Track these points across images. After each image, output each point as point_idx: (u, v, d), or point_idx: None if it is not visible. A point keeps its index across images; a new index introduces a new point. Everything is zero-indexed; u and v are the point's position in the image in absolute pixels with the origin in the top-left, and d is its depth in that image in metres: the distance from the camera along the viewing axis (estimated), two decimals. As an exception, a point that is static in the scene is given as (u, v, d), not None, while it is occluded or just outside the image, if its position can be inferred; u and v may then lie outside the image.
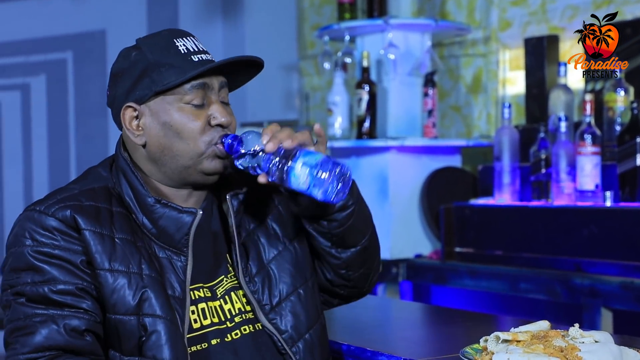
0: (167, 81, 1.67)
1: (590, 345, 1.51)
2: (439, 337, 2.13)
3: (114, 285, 1.64)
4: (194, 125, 1.68)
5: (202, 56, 1.71)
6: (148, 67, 1.69)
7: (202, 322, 1.70)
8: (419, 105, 3.92)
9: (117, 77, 1.73)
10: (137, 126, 1.71)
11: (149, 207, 1.69)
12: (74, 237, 1.64)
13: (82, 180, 1.76)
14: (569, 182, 3.17)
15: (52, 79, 4.83)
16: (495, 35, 4.11)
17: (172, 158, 1.70)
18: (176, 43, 1.70)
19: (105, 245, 1.65)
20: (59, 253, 1.63)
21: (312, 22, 5.12)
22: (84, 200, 1.67)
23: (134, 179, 1.71)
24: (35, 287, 1.61)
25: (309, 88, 5.18)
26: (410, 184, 3.82)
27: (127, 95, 1.71)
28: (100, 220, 1.66)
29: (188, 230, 1.69)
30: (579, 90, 3.56)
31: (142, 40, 1.74)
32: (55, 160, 4.85)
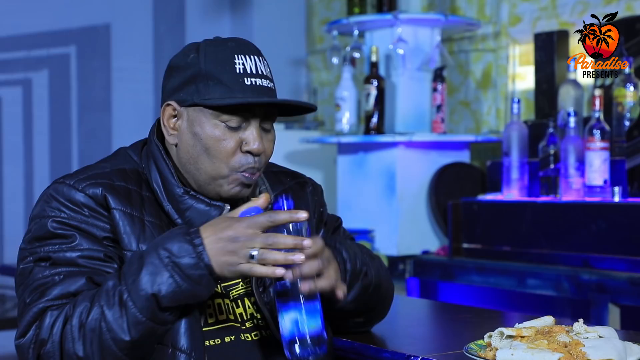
0: (210, 97, 1.64)
1: (594, 340, 1.50)
2: (444, 334, 2.12)
3: None
4: (222, 146, 1.66)
5: (257, 80, 1.66)
6: (198, 75, 1.66)
7: (217, 316, 1.70)
8: (427, 101, 3.90)
9: (171, 70, 1.72)
10: (174, 125, 1.70)
11: (177, 198, 1.69)
12: (103, 214, 1.64)
13: (112, 159, 1.76)
14: (578, 177, 3.15)
15: (54, 74, 4.83)
16: (505, 31, 4.09)
17: (196, 170, 1.69)
18: (235, 59, 1.65)
19: (135, 227, 1.65)
20: (86, 227, 1.63)
21: (322, 17, 5.11)
22: (115, 180, 1.68)
23: (164, 167, 1.71)
24: (62, 252, 1.61)
25: (317, 83, 5.17)
26: (418, 180, 3.80)
27: (173, 92, 1.70)
28: (132, 202, 1.66)
29: None
30: (589, 86, 3.54)
31: (206, 43, 1.69)
32: (56, 156, 4.84)
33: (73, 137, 4.85)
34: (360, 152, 3.90)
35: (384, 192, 3.79)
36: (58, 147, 4.84)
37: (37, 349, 1.56)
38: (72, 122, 4.86)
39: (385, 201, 3.77)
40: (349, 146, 3.94)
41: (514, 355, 1.46)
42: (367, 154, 3.88)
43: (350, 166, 3.96)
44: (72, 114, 4.86)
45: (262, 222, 1.53)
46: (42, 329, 1.55)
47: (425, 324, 2.25)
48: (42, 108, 4.83)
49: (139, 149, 1.78)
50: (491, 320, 2.15)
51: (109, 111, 4.86)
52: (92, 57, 4.86)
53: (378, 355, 1.80)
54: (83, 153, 4.79)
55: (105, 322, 1.53)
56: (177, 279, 1.52)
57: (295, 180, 1.92)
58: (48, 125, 4.84)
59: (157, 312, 1.54)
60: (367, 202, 3.86)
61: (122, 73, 4.86)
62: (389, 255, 3.69)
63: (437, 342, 2.03)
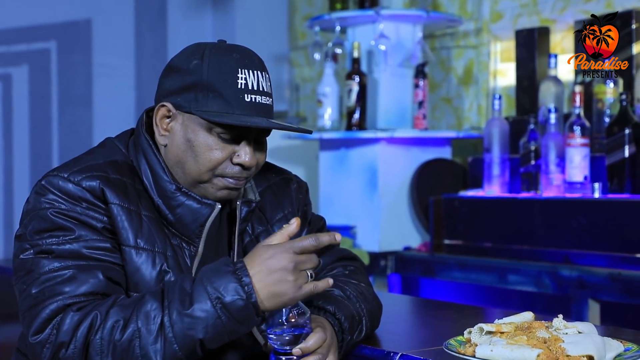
0: (207, 109, 1.63)
1: (574, 336, 1.50)
2: (424, 330, 2.12)
3: (139, 263, 1.63)
4: (213, 155, 1.65)
5: (256, 97, 1.65)
6: (199, 84, 1.64)
7: None
8: (409, 97, 3.91)
9: (171, 70, 1.69)
10: (167, 126, 1.69)
11: (169, 194, 1.68)
12: (101, 207, 1.63)
13: (100, 150, 1.74)
14: (558, 173, 3.16)
15: (35, 69, 4.78)
16: (487, 27, 4.09)
17: (182, 172, 1.69)
18: (239, 74, 1.64)
19: (133, 221, 1.64)
20: (85, 219, 1.61)
21: (304, 13, 5.10)
22: (110, 173, 1.66)
23: (155, 162, 1.69)
24: (66, 243, 1.59)
25: (299, 79, 5.17)
26: (399, 176, 3.81)
27: (169, 94, 1.68)
28: (128, 195, 1.65)
29: (204, 221, 1.69)
30: (569, 82, 3.55)
31: (212, 51, 1.66)
32: (36, 151, 4.80)
33: (53, 133, 4.81)
34: (342, 148, 3.90)
35: (365, 188, 3.79)
36: (38, 143, 4.80)
37: (54, 350, 1.53)
38: (52, 117, 4.82)
39: (367, 197, 3.77)
40: (330, 142, 3.94)
41: (493, 351, 1.46)
42: (348, 150, 3.88)
43: (332, 162, 3.95)
44: (53, 109, 4.82)
45: (308, 246, 1.55)
46: (61, 331, 1.52)
47: (406, 320, 2.25)
48: (22, 103, 4.78)
49: (125, 140, 1.76)
50: (472, 316, 2.16)
51: (89, 106, 4.82)
52: (73, 52, 4.82)
53: (358, 351, 1.81)
54: (63, 148, 4.75)
55: (140, 346, 1.51)
56: (224, 320, 1.52)
57: (280, 177, 1.92)
58: (28, 120, 4.80)
59: (197, 352, 1.54)
60: (348, 198, 3.86)
61: (103, 68, 4.83)
62: (370, 251, 3.70)
63: (417, 339, 2.03)
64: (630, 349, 1.53)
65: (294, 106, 5.13)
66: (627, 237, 2.88)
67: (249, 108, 1.64)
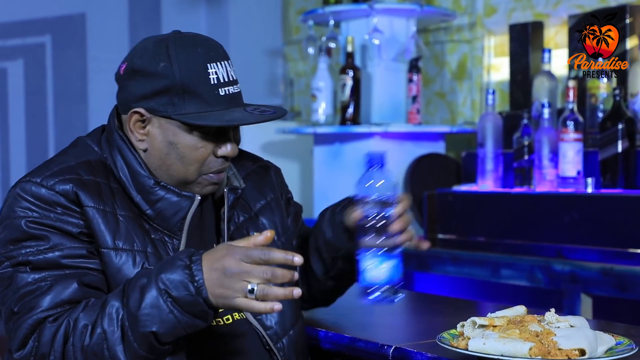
0: (187, 111, 1.62)
1: (566, 330, 1.51)
2: (418, 323, 2.13)
3: (119, 264, 1.62)
4: (199, 154, 1.66)
5: (229, 89, 1.65)
6: (172, 87, 1.62)
7: None
8: (403, 91, 3.91)
9: (136, 74, 1.65)
10: (142, 129, 1.67)
11: (148, 189, 1.67)
12: (76, 211, 1.61)
13: (72, 150, 1.72)
14: (551, 168, 3.17)
15: (30, 63, 4.77)
16: (481, 22, 4.10)
17: (168, 175, 1.68)
18: (209, 69, 1.63)
19: (109, 223, 1.62)
20: (60, 225, 1.60)
21: (298, 7, 5.10)
22: (83, 174, 1.65)
23: (132, 158, 1.68)
24: (42, 254, 1.58)
25: (293, 73, 5.16)
26: (393, 171, 3.80)
27: (140, 99, 1.65)
28: (102, 197, 1.64)
29: (185, 214, 1.68)
30: (563, 77, 3.56)
31: (176, 48, 1.64)
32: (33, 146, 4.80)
33: (49, 127, 4.81)
34: (337, 143, 3.90)
35: (359, 183, 3.79)
36: (34, 137, 4.79)
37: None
38: (48, 112, 4.82)
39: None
40: (325, 137, 3.94)
41: (486, 345, 1.47)
42: (343, 145, 3.88)
43: (326, 157, 3.96)
44: (48, 104, 4.82)
45: (256, 257, 1.50)
46: (41, 343, 1.53)
47: (400, 313, 2.25)
48: (18, 98, 4.78)
49: (98, 138, 1.74)
50: (465, 310, 2.17)
51: (85, 101, 4.82)
52: (68, 46, 4.81)
53: (352, 344, 1.81)
54: (59, 143, 4.75)
55: (107, 348, 1.52)
56: (176, 315, 1.51)
57: (256, 164, 1.92)
58: (24, 115, 4.79)
59: (155, 346, 1.54)
60: (343, 192, 3.81)
61: (98, 63, 4.82)
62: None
63: (411, 332, 2.04)
64: (621, 342, 1.54)
65: (288, 101, 5.12)
66: (619, 232, 2.89)
67: (225, 102, 1.64)
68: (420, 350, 1.66)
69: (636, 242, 2.83)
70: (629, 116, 3.03)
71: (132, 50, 1.70)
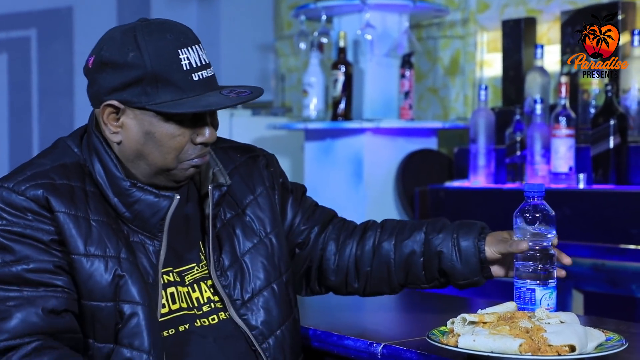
0: (161, 100, 1.58)
1: (556, 326, 1.50)
2: (408, 321, 2.12)
3: (90, 270, 1.59)
4: (177, 142, 1.62)
5: (202, 73, 1.61)
6: (144, 77, 1.58)
7: (170, 306, 1.67)
8: (395, 87, 3.90)
9: (105, 66, 1.61)
10: (116, 121, 1.63)
11: (124, 191, 1.63)
12: (47, 216, 1.58)
13: (51, 153, 1.69)
14: (543, 164, 3.17)
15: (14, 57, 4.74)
16: (474, 17, 4.09)
17: (146, 164, 1.65)
18: (180, 55, 1.59)
19: (81, 228, 1.59)
20: (30, 232, 1.57)
21: (290, 2, 5.08)
22: (56, 179, 1.61)
23: (108, 160, 1.64)
24: (7, 267, 1.55)
25: (285, 69, 5.15)
26: (385, 166, 3.80)
27: (112, 91, 1.61)
28: (75, 201, 1.60)
29: (164, 215, 1.65)
30: (555, 73, 3.55)
31: (144, 37, 1.59)
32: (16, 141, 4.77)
33: (34, 122, 4.78)
34: (328, 139, 3.89)
35: (351, 179, 3.78)
36: (18, 132, 4.77)
37: None
38: (32, 106, 4.78)
39: (353, 187, 3.77)
40: (316, 132, 3.93)
41: (476, 342, 1.46)
42: (334, 141, 3.87)
43: (317, 152, 3.94)
44: (33, 99, 4.79)
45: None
46: None
47: (390, 310, 2.24)
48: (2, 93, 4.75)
49: (78, 139, 1.70)
50: (455, 306, 2.16)
51: (71, 96, 4.78)
52: (54, 40, 4.78)
53: (341, 342, 1.80)
54: (44, 138, 4.72)
55: None
56: None
57: (246, 156, 1.87)
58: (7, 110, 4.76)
59: None
60: (334, 188, 3.86)
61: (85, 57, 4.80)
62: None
63: (401, 329, 2.03)
64: (611, 338, 1.54)
65: (279, 96, 5.11)
66: (611, 227, 2.89)
67: (199, 86, 1.60)
68: (409, 347, 1.65)
69: (628, 238, 2.83)
70: (621, 112, 3.02)
71: (99, 41, 1.65)
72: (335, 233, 1.92)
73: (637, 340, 1.66)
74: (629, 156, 3.02)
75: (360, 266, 1.89)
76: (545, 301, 1.68)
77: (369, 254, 1.88)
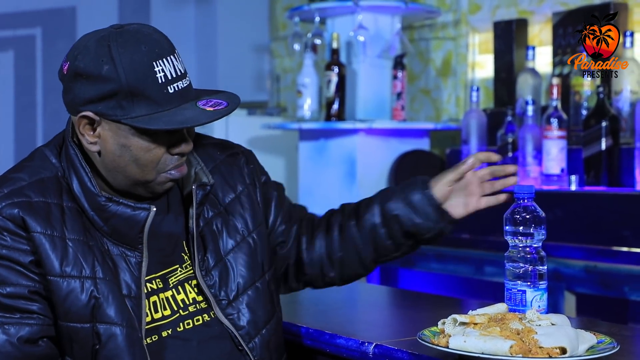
0: (137, 114, 1.55)
1: (547, 328, 1.51)
2: (400, 320, 2.13)
3: (66, 291, 1.58)
4: (152, 155, 1.60)
5: (178, 84, 1.58)
6: (119, 91, 1.55)
7: (153, 315, 1.66)
8: (388, 88, 3.91)
9: (80, 77, 1.58)
10: (93, 132, 1.60)
11: (100, 206, 1.62)
12: (23, 236, 1.57)
13: (28, 165, 1.66)
14: (535, 165, 3.18)
15: (20, 55, 4.76)
16: (465, 19, 4.10)
17: (124, 176, 1.63)
18: (155, 67, 1.55)
19: (57, 249, 1.58)
20: (7, 253, 1.56)
21: (285, 3, 5.09)
22: (33, 196, 1.59)
23: (83, 175, 1.62)
24: None
25: (280, 70, 5.15)
26: (378, 167, 3.81)
27: (87, 103, 1.58)
28: (51, 221, 1.59)
29: (142, 227, 1.63)
30: (547, 74, 3.56)
31: (119, 49, 1.56)
32: (21, 137, 4.79)
33: (38, 119, 4.79)
34: (321, 139, 3.90)
35: (344, 179, 3.79)
36: (23, 128, 4.78)
37: None
38: (37, 103, 4.80)
39: (346, 188, 3.78)
40: (310, 132, 3.94)
41: (466, 342, 1.47)
42: (328, 141, 3.88)
43: (311, 152, 3.95)
44: (38, 96, 4.80)
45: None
46: None
47: (382, 310, 2.26)
48: (7, 89, 4.76)
49: (56, 150, 1.68)
50: (447, 307, 2.17)
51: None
52: (58, 39, 4.80)
53: (332, 341, 1.81)
54: (48, 135, 4.74)
55: None
56: None
57: (225, 153, 1.85)
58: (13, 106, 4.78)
59: None
60: (328, 188, 3.86)
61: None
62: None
63: (392, 329, 2.04)
64: (603, 341, 1.54)
65: (274, 97, 5.12)
66: (603, 229, 2.89)
67: (175, 99, 1.58)
68: (400, 347, 1.66)
69: (620, 239, 2.84)
70: (613, 114, 3.04)
71: (73, 48, 1.62)
72: (305, 228, 1.92)
73: (629, 343, 1.67)
74: (620, 158, 3.03)
75: (332, 254, 1.89)
76: (536, 302, 1.68)
77: (337, 240, 1.88)
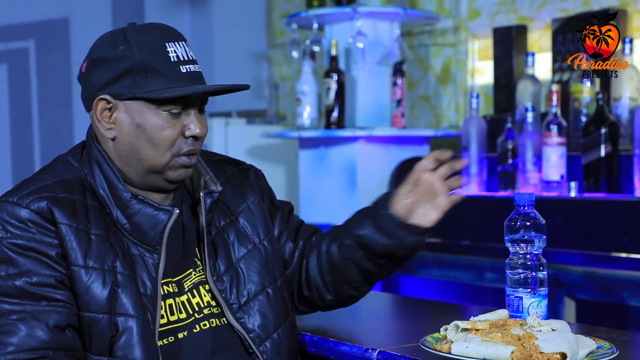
0: (151, 89, 1.63)
1: (548, 333, 1.52)
2: (402, 327, 2.13)
3: (88, 282, 1.61)
4: (167, 135, 1.66)
5: (190, 67, 1.66)
6: (134, 67, 1.63)
7: (169, 317, 1.69)
8: (387, 95, 3.91)
9: (97, 63, 1.67)
10: (109, 118, 1.67)
11: (125, 202, 1.67)
12: (50, 229, 1.60)
13: (51, 169, 1.71)
14: (535, 172, 3.19)
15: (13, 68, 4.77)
16: (465, 25, 4.11)
17: (138, 160, 1.68)
18: (167, 48, 1.65)
19: (81, 241, 1.62)
20: (34, 245, 1.59)
21: (282, 10, 5.10)
22: (59, 192, 1.64)
23: (110, 172, 1.68)
24: (11, 279, 1.57)
25: (278, 77, 5.16)
26: (378, 174, 3.81)
27: (104, 86, 1.66)
28: (77, 214, 1.63)
29: (163, 228, 1.68)
30: (547, 81, 3.57)
31: (133, 33, 1.66)
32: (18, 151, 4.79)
33: (34, 132, 4.80)
34: (322, 147, 3.91)
35: (345, 187, 3.80)
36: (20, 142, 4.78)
37: None
38: (33, 116, 4.81)
39: (347, 195, 3.78)
40: (310, 141, 3.94)
41: (468, 348, 1.48)
42: (328, 149, 3.88)
43: (311, 161, 3.96)
44: (33, 109, 4.81)
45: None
46: None
47: (384, 317, 2.26)
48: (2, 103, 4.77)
49: (78, 155, 1.74)
50: (449, 313, 2.17)
51: (70, 106, 4.80)
52: (52, 51, 4.81)
53: (336, 348, 1.82)
54: (45, 148, 4.74)
55: None
56: None
57: (236, 168, 1.91)
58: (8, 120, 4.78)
59: None
60: (328, 196, 3.87)
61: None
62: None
63: (395, 335, 2.04)
64: (602, 346, 1.55)
65: (273, 105, 5.12)
66: (602, 235, 2.90)
67: (187, 79, 1.65)
68: (404, 353, 1.67)
69: (619, 246, 2.85)
70: (612, 120, 3.04)
71: (91, 47, 1.71)
72: (309, 248, 1.95)
73: (628, 348, 1.68)
74: (620, 164, 3.04)
75: (324, 277, 1.91)
76: (533, 309, 1.69)
77: (325, 264, 1.90)
